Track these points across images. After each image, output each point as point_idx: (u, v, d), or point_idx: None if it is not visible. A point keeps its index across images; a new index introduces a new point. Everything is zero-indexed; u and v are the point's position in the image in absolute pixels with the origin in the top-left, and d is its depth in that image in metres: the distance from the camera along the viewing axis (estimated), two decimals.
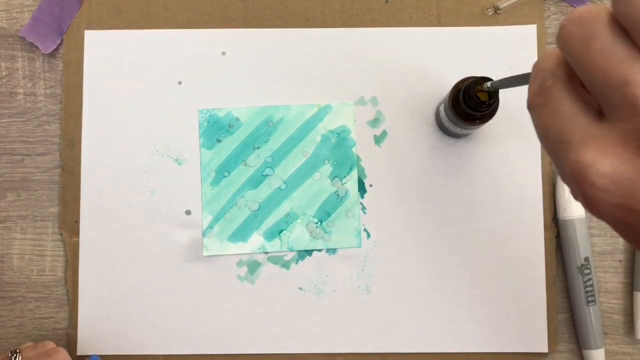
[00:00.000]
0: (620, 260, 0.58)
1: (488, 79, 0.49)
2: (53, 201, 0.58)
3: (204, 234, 0.57)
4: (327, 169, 0.58)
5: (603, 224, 0.58)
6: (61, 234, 0.58)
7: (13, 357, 0.50)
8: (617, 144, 0.24)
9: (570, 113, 0.26)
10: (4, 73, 0.59)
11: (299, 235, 0.57)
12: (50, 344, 0.53)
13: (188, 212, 0.57)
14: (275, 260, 0.57)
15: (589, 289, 0.55)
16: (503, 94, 0.58)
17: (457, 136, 0.57)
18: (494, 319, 0.57)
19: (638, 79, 0.23)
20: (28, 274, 0.58)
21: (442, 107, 0.54)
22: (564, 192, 0.56)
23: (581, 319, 0.56)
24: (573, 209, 0.55)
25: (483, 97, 0.50)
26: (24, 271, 0.58)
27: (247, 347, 0.57)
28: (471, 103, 0.49)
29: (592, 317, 0.55)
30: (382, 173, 0.58)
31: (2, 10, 0.60)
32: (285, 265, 0.57)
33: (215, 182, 0.58)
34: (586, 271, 0.55)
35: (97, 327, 0.57)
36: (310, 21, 0.59)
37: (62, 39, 0.59)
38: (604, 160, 0.24)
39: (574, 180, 0.25)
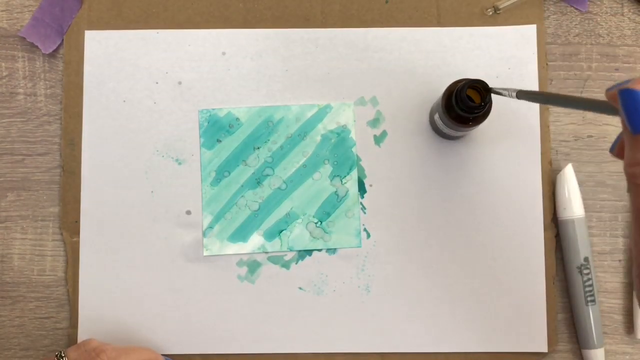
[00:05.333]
0: (620, 260, 0.58)
1: (480, 81, 0.49)
2: (53, 201, 0.58)
3: (204, 234, 0.57)
4: (327, 169, 0.58)
5: (603, 224, 0.58)
6: (61, 234, 0.58)
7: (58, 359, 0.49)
8: None
9: None
10: (4, 73, 0.59)
11: (299, 235, 0.57)
12: (94, 342, 0.51)
13: (188, 212, 0.58)
14: (275, 260, 0.57)
15: (588, 288, 0.55)
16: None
17: (451, 138, 0.57)
18: (494, 319, 0.57)
19: None
20: (28, 274, 0.58)
21: (435, 110, 0.54)
22: (564, 192, 0.56)
23: (581, 318, 0.56)
24: (573, 209, 0.55)
25: (476, 99, 0.50)
26: (24, 271, 0.58)
27: (247, 347, 0.57)
28: (464, 105, 0.49)
29: (592, 317, 0.55)
30: (382, 173, 0.58)
31: (2, 11, 0.60)
32: (285, 265, 0.57)
33: (216, 182, 0.58)
34: (586, 271, 0.55)
35: (97, 327, 0.57)
36: (310, 21, 0.59)
37: (63, 39, 0.59)
38: None
39: None
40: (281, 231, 0.57)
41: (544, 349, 0.56)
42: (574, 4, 0.59)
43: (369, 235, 0.57)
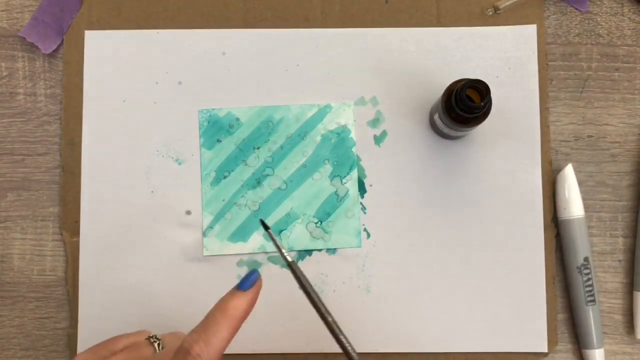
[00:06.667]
0: (620, 260, 0.58)
1: (480, 81, 0.49)
2: (53, 201, 0.58)
3: (204, 234, 0.57)
4: (327, 169, 0.58)
5: (603, 224, 0.58)
6: (61, 234, 0.58)
7: (155, 344, 0.45)
8: None
9: None
10: (4, 73, 0.59)
11: (299, 235, 0.57)
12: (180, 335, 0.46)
13: (188, 212, 0.58)
14: (275, 260, 0.57)
15: (588, 289, 0.55)
16: (504, 94, 0.58)
17: (451, 138, 0.57)
18: (494, 319, 0.57)
19: None
20: (28, 273, 0.58)
21: (434, 110, 0.54)
22: (564, 192, 0.56)
23: (581, 319, 0.56)
24: (573, 209, 0.55)
25: (476, 99, 0.50)
26: (24, 271, 0.58)
27: (247, 347, 0.57)
28: (463, 105, 0.49)
29: (592, 317, 0.55)
30: (382, 173, 0.58)
31: (2, 11, 0.60)
32: (285, 265, 0.57)
33: (215, 182, 0.58)
34: (586, 271, 0.55)
35: (97, 327, 0.57)
36: (310, 21, 0.59)
37: (63, 39, 0.59)
38: None
39: None
40: (281, 231, 0.57)
41: (544, 349, 0.56)
42: (574, 4, 0.59)
43: (369, 235, 0.57)
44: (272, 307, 0.57)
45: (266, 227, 0.46)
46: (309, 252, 0.57)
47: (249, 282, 0.42)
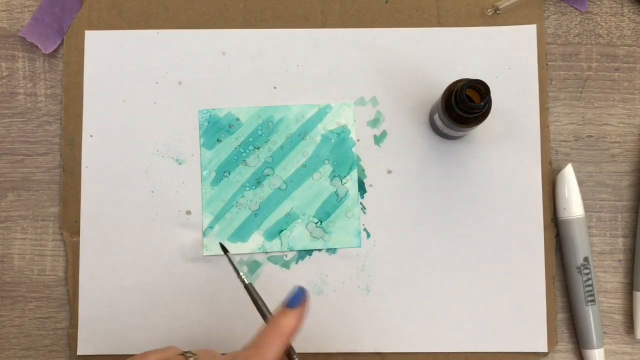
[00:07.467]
0: (619, 260, 0.58)
1: (480, 81, 0.49)
2: (53, 201, 0.58)
3: (204, 234, 0.57)
4: (327, 169, 0.58)
5: (603, 224, 0.58)
6: (62, 234, 0.58)
7: (190, 359, 0.45)
8: None
9: None
10: (4, 73, 0.59)
11: (299, 235, 0.57)
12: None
13: (188, 212, 0.58)
14: (275, 260, 0.57)
15: (588, 288, 0.55)
16: (504, 94, 0.58)
17: (451, 138, 0.57)
18: (494, 318, 0.57)
19: None
20: (29, 273, 0.58)
21: (434, 110, 0.54)
22: (564, 192, 0.56)
23: (581, 318, 0.56)
24: (573, 209, 0.55)
25: (476, 99, 0.50)
26: (24, 271, 0.58)
27: None
28: (463, 105, 0.49)
29: (592, 317, 0.55)
30: (382, 173, 0.58)
31: (2, 11, 0.60)
32: (285, 265, 0.57)
33: (216, 182, 0.58)
34: (586, 271, 0.55)
35: (97, 327, 0.57)
36: (310, 21, 0.59)
37: (63, 39, 0.59)
38: None
39: None
40: (281, 231, 0.57)
41: (544, 349, 0.56)
42: (574, 4, 0.59)
43: (369, 235, 0.57)
44: (272, 307, 0.57)
45: (225, 251, 0.50)
46: (309, 252, 0.57)
47: (298, 299, 0.45)
